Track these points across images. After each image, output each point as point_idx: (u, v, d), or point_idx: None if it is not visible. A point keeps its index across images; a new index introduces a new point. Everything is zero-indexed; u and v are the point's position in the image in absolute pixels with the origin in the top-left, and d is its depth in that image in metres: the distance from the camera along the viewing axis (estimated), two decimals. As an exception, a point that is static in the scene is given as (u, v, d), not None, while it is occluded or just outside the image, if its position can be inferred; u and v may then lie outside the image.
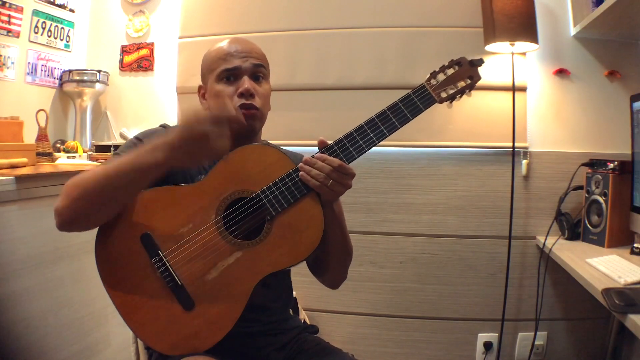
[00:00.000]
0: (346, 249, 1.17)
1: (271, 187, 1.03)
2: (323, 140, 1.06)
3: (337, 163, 1.02)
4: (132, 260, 1.03)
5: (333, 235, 1.10)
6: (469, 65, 1.13)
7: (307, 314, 2.20)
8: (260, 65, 1.15)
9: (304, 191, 1.04)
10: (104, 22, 2.47)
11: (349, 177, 1.03)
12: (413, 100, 1.08)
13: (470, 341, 2.15)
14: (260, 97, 1.13)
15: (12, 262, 1.50)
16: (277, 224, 1.04)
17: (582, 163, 1.97)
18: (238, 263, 1.03)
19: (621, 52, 2.05)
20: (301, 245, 1.03)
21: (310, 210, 1.04)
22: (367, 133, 1.06)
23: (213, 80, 1.14)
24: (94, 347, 1.82)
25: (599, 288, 1.30)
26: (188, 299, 1.01)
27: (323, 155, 1.04)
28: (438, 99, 1.11)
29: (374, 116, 1.07)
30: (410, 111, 1.08)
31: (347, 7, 2.18)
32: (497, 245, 2.10)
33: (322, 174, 1.02)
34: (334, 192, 1.03)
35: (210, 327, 1.01)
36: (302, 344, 1.19)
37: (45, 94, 2.29)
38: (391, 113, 1.07)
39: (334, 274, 1.21)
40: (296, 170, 1.04)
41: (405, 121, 1.07)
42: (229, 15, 2.27)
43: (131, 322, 1.03)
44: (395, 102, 1.08)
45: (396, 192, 2.16)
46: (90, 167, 1.89)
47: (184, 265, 1.02)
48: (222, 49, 1.15)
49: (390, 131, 1.06)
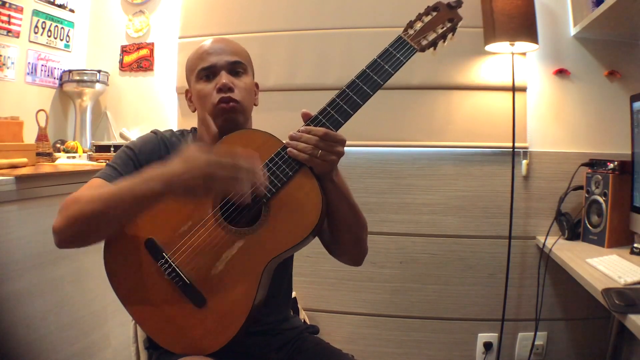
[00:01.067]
0: (358, 221, 1.12)
1: (262, 170, 1.02)
2: (306, 112, 1.04)
3: (322, 132, 1.00)
4: (140, 267, 1.03)
5: (340, 208, 1.07)
6: (447, 8, 1.09)
7: (307, 314, 2.21)
8: (237, 62, 1.14)
9: (296, 167, 1.01)
10: (104, 22, 2.47)
11: (338, 144, 1.01)
12: (392, 54, 1.06)
13: (470, 341, 2.15)
14: (239, 90, 1.12)
15: (12, 262, 1.50)
16: (274, 206, 1.02)
17: (582, 163, 1.97)
18: (242, 252, 1.02)
19: (621, 52, 2.05)
20: (301, 223, 1.01)
21: (305, 186, 1.02)
22: (350, 96, 1.03)
23: (194, 81, 1.15)
24: (94, 347, 1.82)
25: (599, 288, 1.30)
26: (199, 296, 1.01)
27: (308, 127, 1.01)
28: (418, 47, 1.07)
29: (354, 77, 1.04)
30: (391, 65, 1.04)
31: (347, 7, 2.18)
32: (497, 245, 2.10)
33: (309, 146, 1.00)
34: (326, 162, 1.00)
35: (223, 322, 1.01)
36: (302, 344, 1.19)
37: (45, 94, 2.29)
38: (371, 71, 1.04)
39: (352, 250, 1.16)
40: (284, 148, 1.02)
41: (388, 76, 1.04)
42: (229, 15, 2.28)
43: (146, 328, 1.05)
44: (373, 59, 1.05)
45: (396, 192, 2.16)
46: (89, 167, 1.90)
47: (189, 263, 1.02)
48: (200, 49, 1.16)
49: (373, 89, 1.03)
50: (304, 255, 2.18)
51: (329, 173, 1.04)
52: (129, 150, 1.12)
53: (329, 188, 1.04)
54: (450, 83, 2.11)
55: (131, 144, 1.15)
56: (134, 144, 1.14)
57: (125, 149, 1.13)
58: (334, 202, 1.05)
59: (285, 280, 1.23)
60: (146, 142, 1.14)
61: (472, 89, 2.11)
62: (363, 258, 1.17)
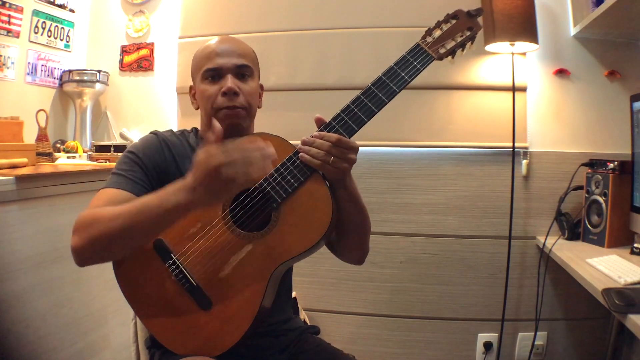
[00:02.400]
0: (365, 226, 1.11)
1: (273, 174, 1.01)
2: (320, 117, 1.03)
3: (335, 138, 0.99)
4: (149, 269, 1.03)
5: (350, 214, 1.06)
6: (466, 16, 1.07)
7: (308, 314, 2.20)
8: (244, 65, 1.13)
9: (307, 173, 1.01)
10: (104, 22, 2.47)
11: (351, 151, 1.00)
12: (409, 61, 1.04)
13: (470, 341, 2.15)
14: (245, 95, 1.11)
15: (12, 262, 1.50)
16: (284, 211, 1.02)
17: (582, 163, 1.97)
18: (250, 256, 1.02)
19: (621, 52, 2.05)
20: (311, 229, 1.00)
21: (316, 192, 1.01)
22: (365, 103, 1.02)
23: (199, 80, 1.14)
24: (94, 347, 1.82)
25: (599, 288, 1.30)
26: (205, 298, 1.01)
27: (321, 133, 1.01)
28: (436, 55, 1.05)
29: (370, 84, 1.03)
30: (408, 72, 1.03)
31: (347, 7, 2.18)
32: (497, 245, 2.10)
33: (321, 151, 0.99)
34: (338, 169, 0.99)
35: (228, 326, 1.01)
36: (303, 345, 1.19)
37: (45, 94, 2.29)
38: (387, 78, 1.03)
39: (356, 250, 1.16)
40: (296, 153, 1.02)
41: (404, 84, 1.02)
42: (229, 15, 2.28)
43: (152, 328, 1.05)
44: (390, 66, 1.04)
45: (396, 192, 2.16)
46: (89, 167, 1.90)
47: (197, 265, 1.02)
48: (208, 48, 1.14)
49: (389, 97, 1.02)
50: (304, 255, 2.18)
51: (341, 180, 1.03)
52: (132, 154, 1.10)
53: (341, 195, 1.04)
54: (450, 83, 2.11)
55: (133, 147, 1.12)
56: (135, 147, 1.12)
57: (127, 154, 1.10)
58: (345, 209, 1.05)
59: (286, 281, 1.23)
60: (148, 144, 1.12)
61: (472, 89, 2.11)
62: (365, 257, 1.18)
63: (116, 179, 1.06)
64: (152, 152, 1.11)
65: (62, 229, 1.43)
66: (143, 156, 1.09)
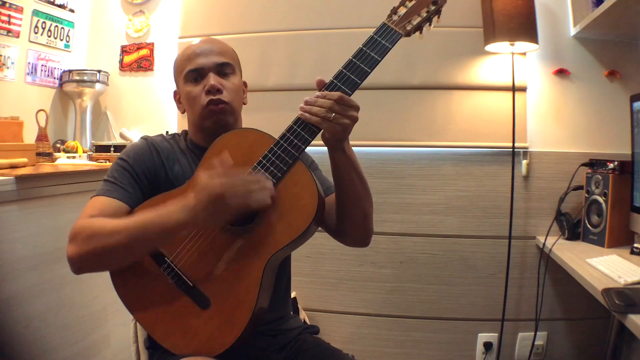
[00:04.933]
0: (367, 195, 1.10)
1: (256, 167, 1.02)
2: (321, 79, 1.05)
3: (337, 95, 1.00)
4: (144, 274, 1.05)
5: (351, 179, 1.06)
6: None
7: (307, 314, 2.21)
8: (225, 63, 1.15)
9: (289, 162, 1.02)
10: (104, 22, 2.47)
11: (353, 108, 1.00)
12: (377, 41, 1.06)
13: (470, 341, 2.15)
14: (228, 91, 1.13)
15: (12, 262, 1.50)
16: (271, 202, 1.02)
17: (582, 163, 1.97)
18: (241, 251, 1.03)
19: (621, 52, 2.05)
20: (299, 217, 1.01)
21: (300, 180, 1.02)
22: (339, 87, 1.03)
23: (182, 83, 1.15)
24: (94, 347, 1.82)
25: (599, 288, 1.30)
26: (203, 297, 1.02)
27: (323, 92, 1.02)
28: (404, 32, 1.07)
29: (342, 68, 1.05)
30: (377, 52, 1.05)
31: (348, 7, 2.18)
32: (497, 245, 2.10)
33: (323, 109, 1.00)
34: (339, 125, 0.99)
35: (228, 322, 1.01)
36: (302, 344, 1.19)
37: (45, 94, 2.29)
38: (358, 60, 1.05)
39: (360, 227, 1.12)
40: (277, 144, 1.03)
41: (375, 63, 1.04)
42: (229, 15, 2.28)
43: (156, 334, 1.05)
44: (359, 47, 1.06)
45: (396, 192, 2.16)
46: (89, 167, 1.89)
47: (191, 266, 1.03)
48: (187, 50, 1.16)
49: (361, 78, 1.03)
50: (304, 255, 2.18)
51: (340, 141, 1.03)
52: (123, 161, 1.12)
53: (340, 159, 1.04)
54: (450, 83, 2.11)
55: (124, 154, 1.14)
56: (126, 154, 1.14)
57: (118, 161, 1.13)
58: (345, 174, 1.05)
59: (284, 280, 1.23)
60: (138, 150, 1.14)
61: (472, 89, 2.11)
62: (370, 237, 1.15)
63: (108, 187, 1.08)
64: (141, 158, 1.13)
65: (62, 229, 1.42)
66: (133, 162, 1.12)
